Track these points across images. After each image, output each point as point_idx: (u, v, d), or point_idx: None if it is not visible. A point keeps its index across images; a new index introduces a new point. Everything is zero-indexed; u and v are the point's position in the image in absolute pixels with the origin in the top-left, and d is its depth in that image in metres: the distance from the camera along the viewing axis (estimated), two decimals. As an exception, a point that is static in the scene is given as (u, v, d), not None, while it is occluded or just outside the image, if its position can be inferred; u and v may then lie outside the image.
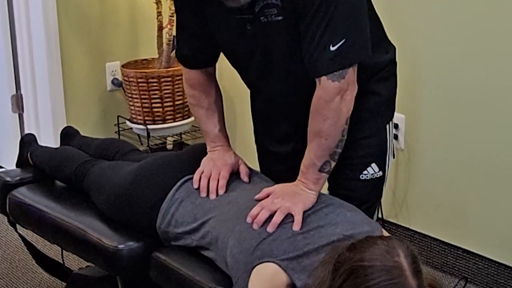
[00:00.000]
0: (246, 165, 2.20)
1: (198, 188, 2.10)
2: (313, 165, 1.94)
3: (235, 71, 2.15)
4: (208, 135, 2.21)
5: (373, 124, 2.15)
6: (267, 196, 1.96)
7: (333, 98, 1.87)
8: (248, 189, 2.08)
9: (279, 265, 1.79)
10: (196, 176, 2.12)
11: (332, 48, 1.82)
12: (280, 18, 1.89)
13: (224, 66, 2.20)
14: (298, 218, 1.86)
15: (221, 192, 2.07)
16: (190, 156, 2.27)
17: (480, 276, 2.96)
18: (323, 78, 1.86)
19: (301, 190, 1.94)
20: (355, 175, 2.15)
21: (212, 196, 2.06)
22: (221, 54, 2.15)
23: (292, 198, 1.91)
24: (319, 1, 1.81)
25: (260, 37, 1.95)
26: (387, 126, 2.17)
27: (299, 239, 1.83)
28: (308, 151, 1.95)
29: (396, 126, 2.96)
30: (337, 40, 1.82)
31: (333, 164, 1.96)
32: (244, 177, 2.15)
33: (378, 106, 2.14)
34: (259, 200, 1.96)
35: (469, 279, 2.97)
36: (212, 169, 2.12)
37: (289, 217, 1.88)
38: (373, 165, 2.15)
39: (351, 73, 1.88)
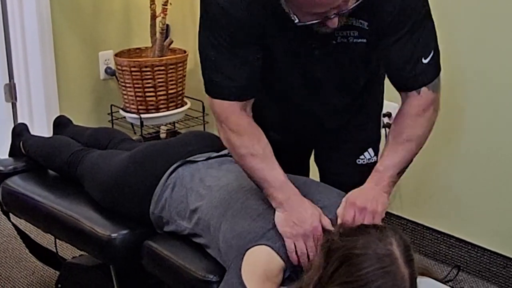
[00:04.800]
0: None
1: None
2: (393, 167, 1.90)
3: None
4: (273, 184, 1.87)
5: (372, 110, 2.19)
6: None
7: (429, 108, 1.90)
8: (240, 175, 2.08)
9: (272, 248, 1.79)
10: (292, 257, 1.81)
11: (424, 61, 1.86)
12: (363, 40, 1.88)
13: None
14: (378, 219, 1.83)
15: None
16: (182, 142, 2.27)
17: (472, 265, 2.97)
18: (424, 88, 1.88)
19: (378, 195, 1.88)
20: (352, 160, 2.17)
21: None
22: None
23: (372, 212, 1.85)
24: (413, 20, 1.83)
25: (327, 59, 1.93)
26: (381, 113, 2.23)
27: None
28: (392, 154, 1.91)
29: (389, 114, 2.96)
30: (427, 54, 1.87)
31: (403, 174, 1.96)
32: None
33: (377, 93, 2.19)
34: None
35: (461, 268, 2.98)
36: (305, 241, 1.82)
37: None
38: (370, 150, 2.18)
39: (440, 90, 1.93)
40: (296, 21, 1.72)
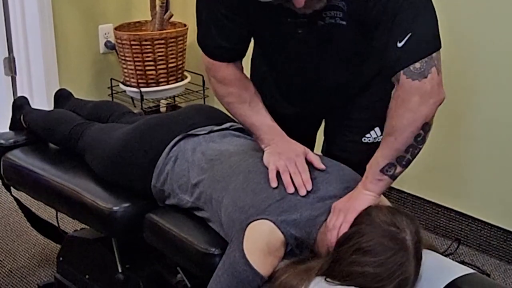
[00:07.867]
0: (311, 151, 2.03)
1: (277, 188, 1.87)
2: (376, 164, 1.83)
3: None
4: (261, 127, 2.02)
5: (382, 89, 2.14)
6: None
7: (411, 98, 1.77)
8: (242, 149, 2.08)
9: (274, 222, 1.79)
10: (272, 175, 1.89)
11: (399, 45, 1.75)
12: (343, 22, 1.84)
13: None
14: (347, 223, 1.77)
15: (308, 187, 1.86)
16: (184, 116, 2.27)
17: (472, 238, 2.98)
18: (402, 77, 1.76)
19: (357, 193, 1.83)
20: (358, 138, 2.16)
21: (303, 192, 1.84)
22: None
23: (347, 209, 1.80)
24: (382, 7, 1.75)
25: (312, 39, 1.91)
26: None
27: (292, 199, 1.84)
28: (376, 151, 1.85)
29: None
30: (402, 36, 1.74)
31: (398, 169, 1.83)
32: (320, 165, 1.94)
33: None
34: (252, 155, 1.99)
35: (462, 241, 2.99)
36: (287, 163, 1.90)
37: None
38: (377, 129, 2.15)
39: (435, 74, 1.78)
40: None
